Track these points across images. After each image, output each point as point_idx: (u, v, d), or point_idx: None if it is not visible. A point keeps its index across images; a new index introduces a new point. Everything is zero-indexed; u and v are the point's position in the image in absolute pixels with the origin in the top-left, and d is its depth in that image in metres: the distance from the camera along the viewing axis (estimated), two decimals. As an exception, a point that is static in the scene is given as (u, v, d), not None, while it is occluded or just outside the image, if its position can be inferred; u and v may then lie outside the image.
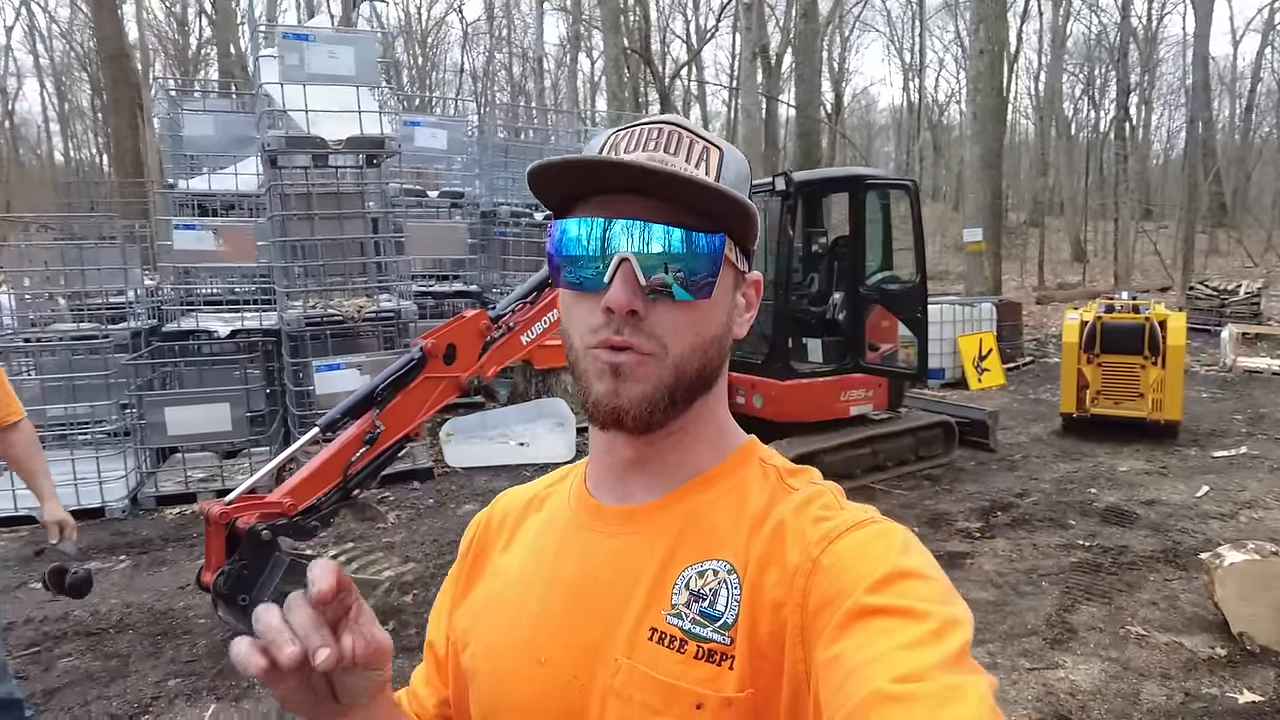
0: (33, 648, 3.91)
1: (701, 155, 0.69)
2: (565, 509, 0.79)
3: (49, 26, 36.37)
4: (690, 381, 0.69)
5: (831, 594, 0.59)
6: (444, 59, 40.74)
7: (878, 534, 0.63)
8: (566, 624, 0.70)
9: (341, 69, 6.14)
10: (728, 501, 0.71)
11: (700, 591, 0.66)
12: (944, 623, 0.54)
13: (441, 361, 4.55)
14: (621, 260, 0.65)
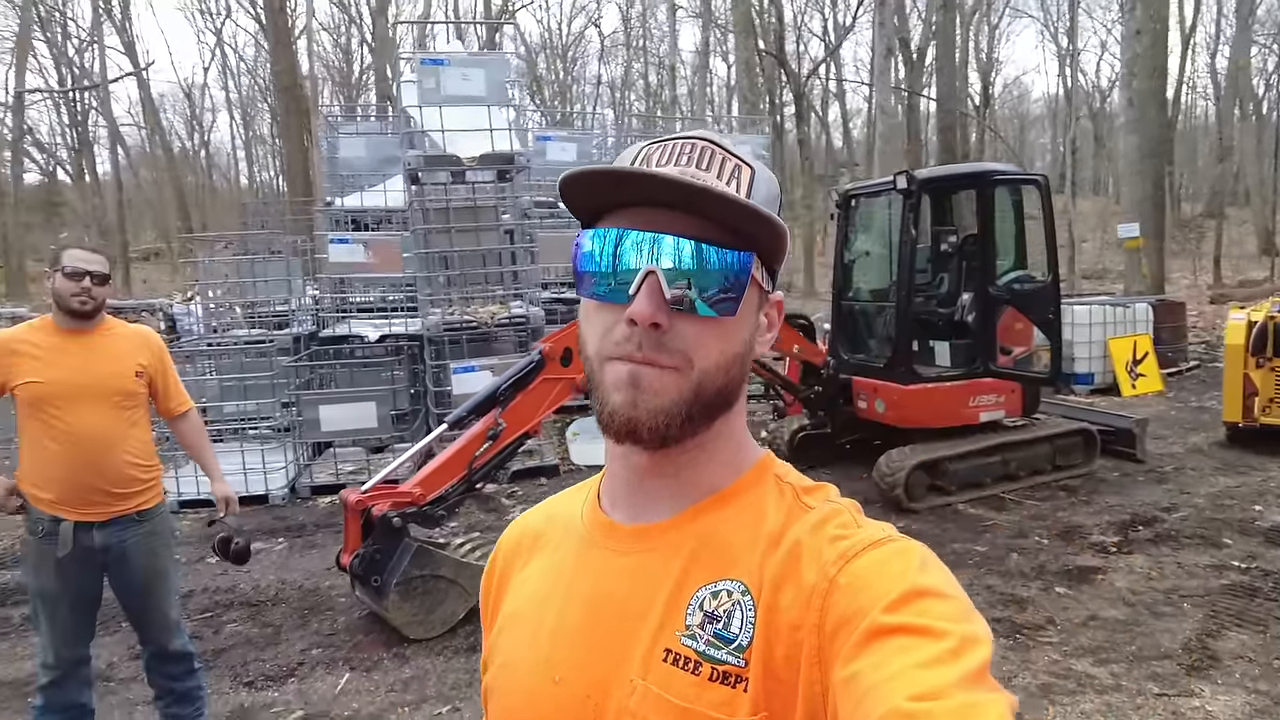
0: (206, 613, 4.44)
1: (733, 173, 0.69)
2: (579, 525, 0.78)
3: (238, 64, 40.49)
4: (710, 399, 0.68)
5: (849, 614, 0.58)
6: (583, 72, 41.96)
7: (895, 552, 0.62)
8: (581, 643, 0.70)
9: (473, 90, 6.54)
10: (743, 520, 0.70)
11: (714, 612, 0.65)
12: (962, 641, 0.54)
13: (559, 364, 4.77)
14: (648, 273, 0.64)
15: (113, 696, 3.54)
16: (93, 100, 32.69)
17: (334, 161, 9.49)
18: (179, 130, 42.01)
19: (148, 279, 30.61)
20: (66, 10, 32.41)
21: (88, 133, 34.25)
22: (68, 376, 2.66)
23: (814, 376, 6.75)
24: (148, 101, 35.31)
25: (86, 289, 2.66)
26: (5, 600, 4.74)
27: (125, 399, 2.77)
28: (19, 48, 27.94)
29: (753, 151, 5.08)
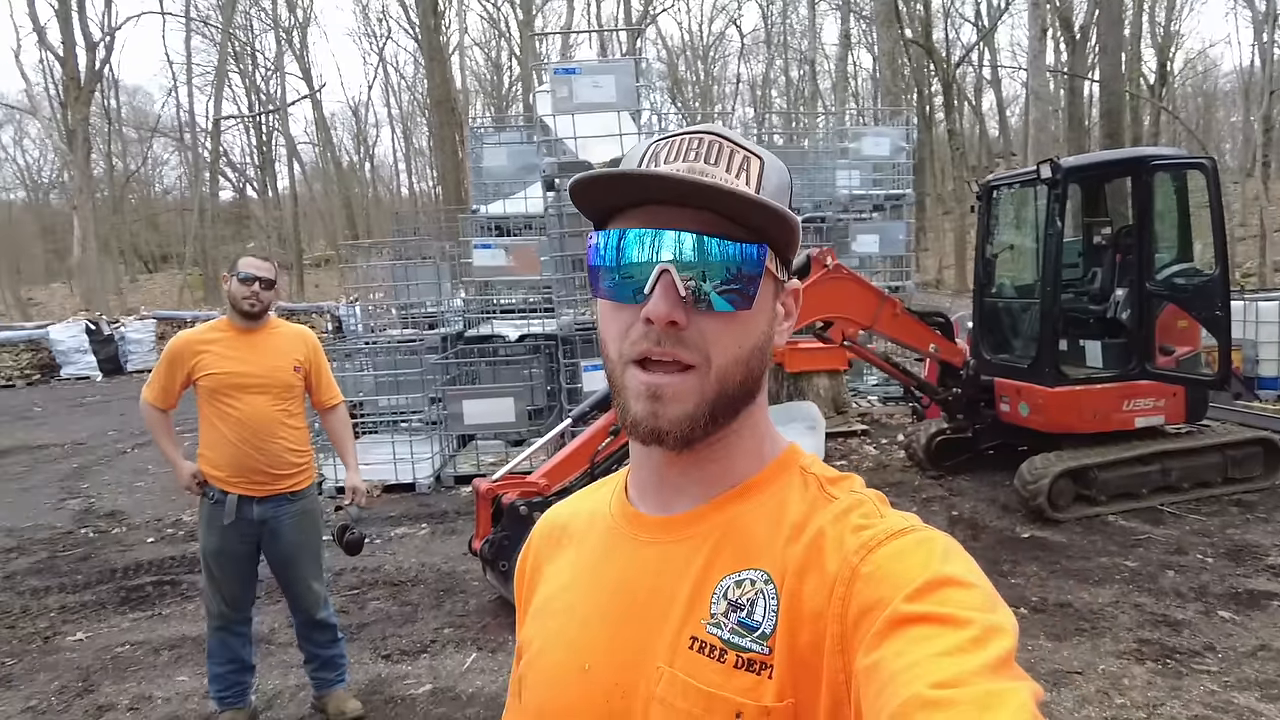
0: (354, 590, 4.84)
1: (742, 165, 0.69)
2: (607, 516, 0.79)
3: (398, 82, 43.41)
4: (733, 394, 0.68)
5: (871, 602, 0.59)
6: (724, 72, 41.91)
7: (918, 541, 0.62)
8: (609, 631, 0.72)
9: (604, 96, 6.74)
10: (767, 510, 0.70)
11: (738, 601, 0.66)
12: (986, 629, 0.54)
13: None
14: (662, 271, 0.65)
15: (271, 658, 3.94)
16: (275, 122, 36.03)
17: (480, 170, 10.02)
18: (347, 146, 45.54)
19: (319, 284, 33.38)
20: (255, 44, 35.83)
21: (271, 152, 37.78)
22: (238, 369, 3.01)
23: (953, 378, 6.47)
24: (321, 121, 38.51)
25: (255, 292, 2.99)
26: (194, 567, 5.36)
27: (285, 391, 3.10)
28: (217, 79, 31.25)
29: (893, 144, 4.99)
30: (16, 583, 5.30)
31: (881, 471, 7.05)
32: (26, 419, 13.04)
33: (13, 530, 6.59)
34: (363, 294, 10.77)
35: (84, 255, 26.98)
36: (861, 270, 9.84)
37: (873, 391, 10.35)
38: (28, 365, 18.54)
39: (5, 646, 4.31)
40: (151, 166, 43.87)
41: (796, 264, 4.27)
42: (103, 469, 8.84)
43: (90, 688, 3.78)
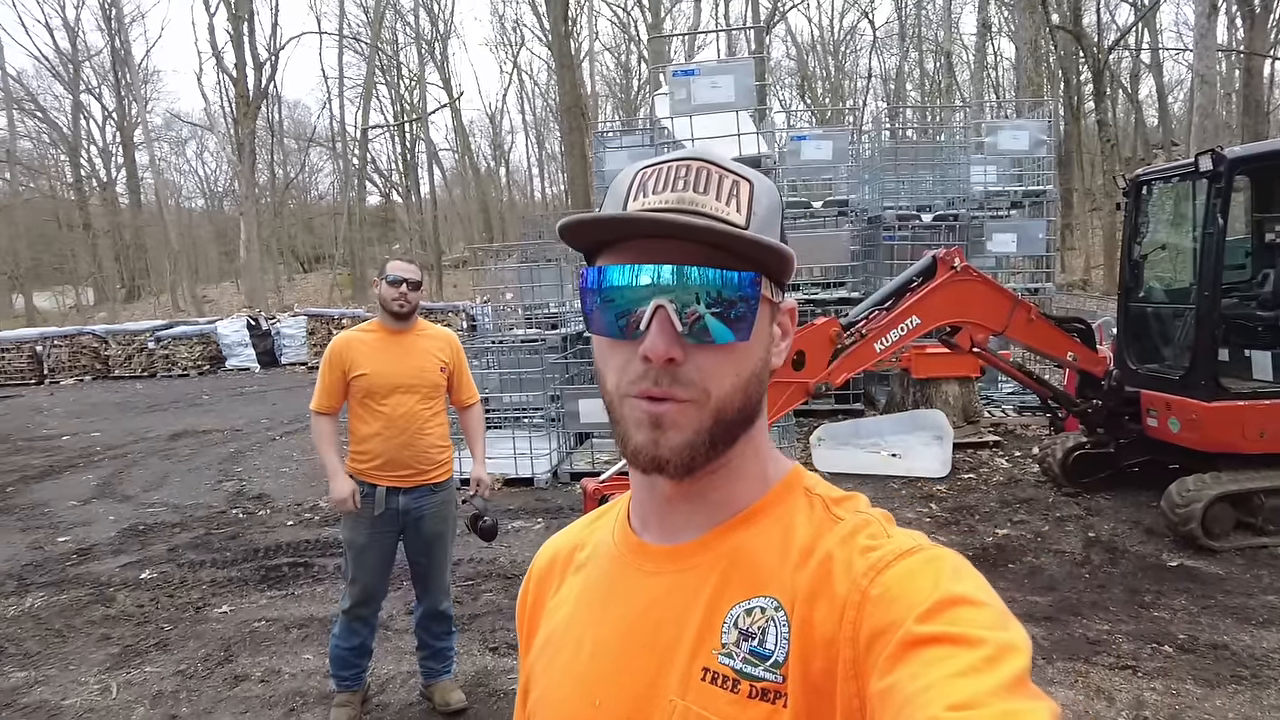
0: (469, 581, 5.02)
1: (732, 190, 0.67)
2: (610, 546, 0.78)
3: (532, 88, 44.83)
4: (731, 421, 0.68)
5: (882, 626, 0.58)
6: (855, 67, 40.74)
7: (926, 561, 0.62)
8: (618, 665, 0.70)
9: (722, 97, 6.68)
10: (773, 535, 0.69)
11: (749, 630, 0.65)
12: (999, 648, 0.53)
13: (789, 367, 4.74)
14: (657, 307, 0.64)
15: (387, 643, 4.14)
16: (418, 131, 38.02)
17: (602, 174, 10.18)
18: (485, 152, 47.49)
19: (457, 284, 34.90)
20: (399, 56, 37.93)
21: (414, 159, 39.88)
22: (388, 369, 3.19)
23: (1094, 388, 6.01)
24: (460, 128, 40.35)
25: (403, 294, 3.16)
26: (325, 551, 5.73)
27: (431, 390, 3.27)
28: (365, 91, 33.34)
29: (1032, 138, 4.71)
30: (178, 555, 5.84)
31: (1013, 486, 6.64)
32: (196, 405, 14.37)
33: (179, 507, 7.27)
34: (493, 295, 11.18)
35: (248, 256, 29.45)
36: (997, 271, 9.33)
37: (1007, 400, 9.76)
38: (199, 357, 20.44)
39: (165, 613, 4.76)
40: (308, 174, 47.40)
41: (922, 264, 4.06)
42: (255, 454, 9.60)
43: (230, 658, 4.10)
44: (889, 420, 8.08)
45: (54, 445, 11.06)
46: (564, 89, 22.31)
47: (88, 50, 39.56)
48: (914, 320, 5.03)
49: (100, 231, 39.77)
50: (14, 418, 14.22)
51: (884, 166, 10.27)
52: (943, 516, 5.99)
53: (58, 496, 7.97)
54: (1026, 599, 4.41)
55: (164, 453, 10.00)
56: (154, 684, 3.88)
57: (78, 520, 7.02)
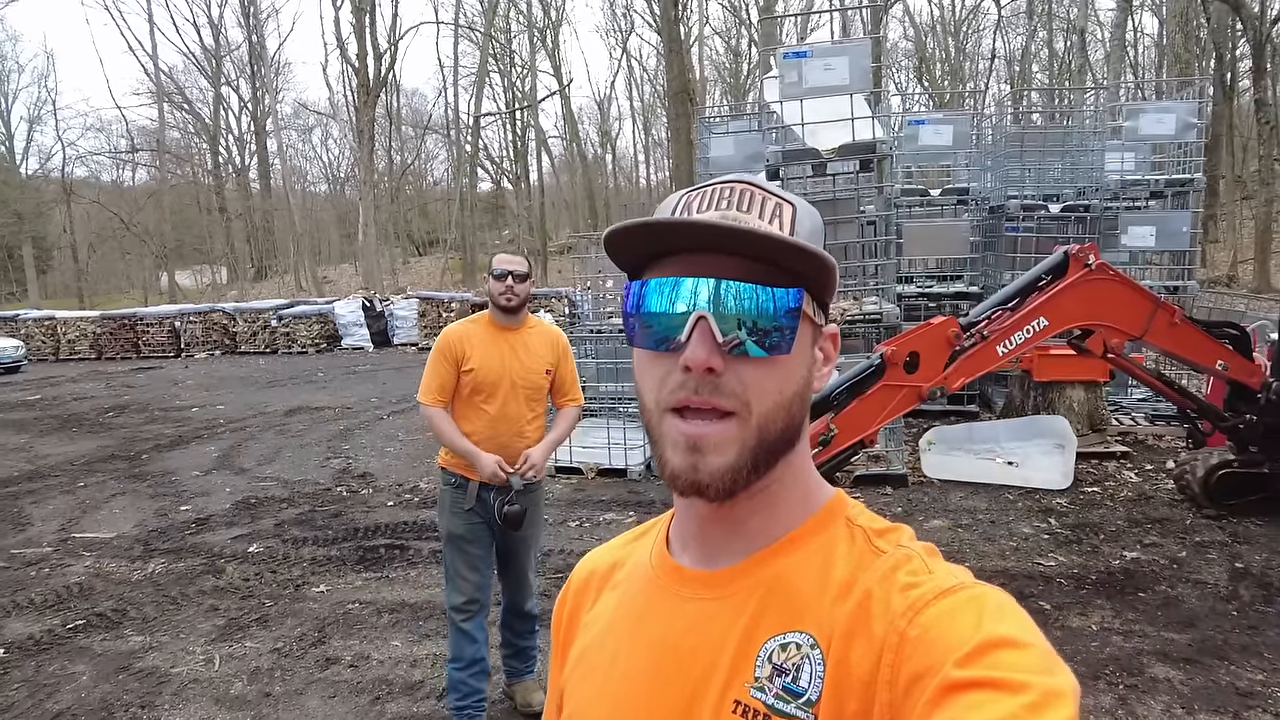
0: (556, 573, 4.97)
1: (775, 212, 0.68)
2: (647, 568, 0.77)
3: (640, 74, 44.81)
4: (773, 442, 0.67)
5: (921, 669, 0.56)
6: (978, 48, 38.72)
7: (967, 600, 0.59)
8: (651, 690, 0.70)
9: (835, 80, 6.34)
10: (811, 566, 0.68)
11: (783, 665, 0.64)
12: (1044, 694, 0.50)
13: (902, 369, 4.42)
14: (699, 318, 0.64)
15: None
16: (528, 118, 38.66)
17: (706, 161, 9.96)
18: (593, 138, 47.80)
19: (562, 270, 35.40)
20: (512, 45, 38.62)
21: (524, 146, 40.62)
22: (495, 366, 3.07)
23: (1246, 401, 5.39)
24: (568, 115, 40.81)
25: (510, 287, 3.05)
26: (422, 533, 5.82)
27: (534, 392, 3.16)
28: (478, 79, 34.14)
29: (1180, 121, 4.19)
30: (284, 531, 6.06)
31: (1143, 504, 6.08)
32: (312, 382, 15.08)
33: (288, 482, 7.58)
34: (593, 283, 11.18)
35: (366, 240, 30.75)
36: (1130, 267, 8.58)
37: (1138, 407, 9.00)
38: (317, 335, 21.50)
39: (268, 589, 4.92)
40: (424, 160, 49.09)
41: (1053, 261, 3.67)
42: (362, 432, 9.94)
43: (323, 639, 4.19)
44: (1006, 425, 7.56)
45: (184, 416, 11.82)
46: (672, 74, 22.12)
47: (228, 45, 42.16)
48: (1042, 322, 4.60)
49: (234, 215, 42.46)
50: (154, 388, 15.32)
51: (1008, 153, 9.60)
52: (1062, 533, 5.53)
53: (184, 466, 8.47)
54: (1160, 634, 3.98)
55: (279, 427, 10.50)
56: (252, 659, 3.99)
57: (198, 490, 7.42)
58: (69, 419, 12.00)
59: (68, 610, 4.75)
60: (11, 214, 41.70)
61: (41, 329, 23.03)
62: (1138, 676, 3.58)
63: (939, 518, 5.90)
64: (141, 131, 44.32)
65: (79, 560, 5.62)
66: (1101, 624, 4.13)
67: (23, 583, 5.24)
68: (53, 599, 4.92)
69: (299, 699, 3.61)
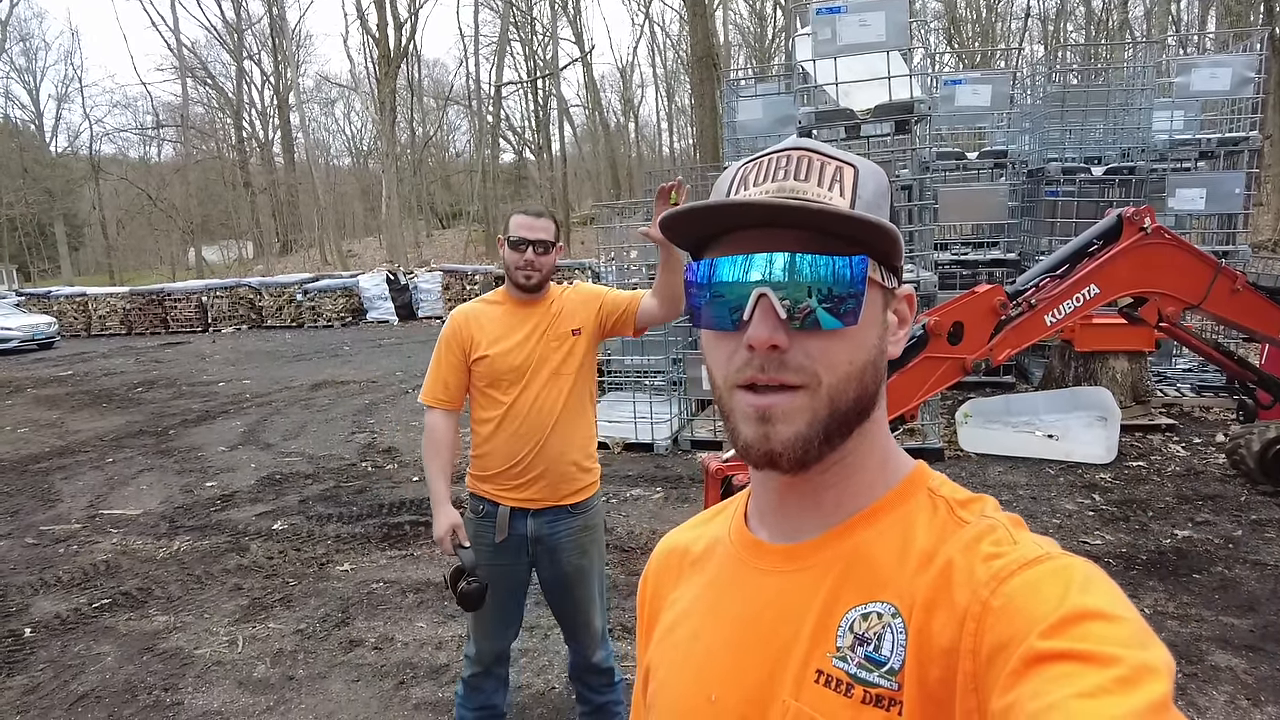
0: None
1: (835, 177, 0.66)
2: (727, 543, 0.78)
3: (663, 40, 44.05)
4: (845, 413, 0.65)
5: (1005, 639, 0.55)
6: (1010, 7, 37.49)
7: (1053, 571, 0.57)
8: (734, 662, 0.70)
9: (871, 36, 6.02)
10: (892, 537, 0.67)
11: (865, 635, 0.63)
12: (1135, 669, 0.48)
13: (945, 341, 4.21)
14: (759, 295, 0.63)
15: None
16: (550, 87, 38.21)
17: (733, 126, 9.66)
18: (615, 107, 47.23)
19: (585, 241, 35.17)
20: (533, 12, 38.07)
21: (546, 116, 40.21)
22: (514, 350, 2.46)
23: (1308, 371, 5.11)
24: (590, 83, 40.31)
25: (529, 260, 2.42)
26: (447, 512, 5.72)
27: (573, 377, 2.51)
28: (499, 48, 33.71)
29: (1236, 76, 3.81)
30: (308, 508, 6.01)
31: (1192, 479, 5.83)
32: (337, 356, 15.09)
33: (313, 458, 7.54)
34: (617, 253, 10.98)
35: (389, 213, 30.70)
36: (1177, 231, 8.20)
37: (1184, 378, 8.67)
38: (342, 309, 21.54)
39: (291, 568, 4.86)
40: (446, 132, 48.85)
41: (1105, 225, 3.40)
42: (387, 406, 9.89)
43: (347, 620, 4.11)
44: (1045, 397, 7.30)
45: (211, 391, 11.86)
46: (695, 39, 21.61)
47: (250, 19, 42.01)
48: (1093, 290, 4.35)
49: (258, 189, 42.59)
50: (181, 363, 15.43)
51: (1048, 114, 9.19)
52: (1108, 510, 5.31)
53: (210, 441, 8.47)
54: (1219, 619, 3.78)
55: (304, 402, 10.49)
56: (276, 641, 3.92)
57: (224, 466, 7.40)
58: (99, 394, 12.09)
59: (94, 589, 4.72)
60: (42, 191, 42.23)
61: (73, 305, 23.32)
62: (1197, 665, 3.39)
63: (978, 494, 5.70)
64: (166, 107, 44.56)
65: (106, 537, 5.60)
66: (1155, 607, 3.93)
67: (51, 560, 5.23)
68: (79, 577, 4.89)
69: (322, 683, 3.53)
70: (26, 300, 23.87)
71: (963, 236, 9.76)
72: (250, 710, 3.36)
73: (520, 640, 3.69)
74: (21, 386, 13.42)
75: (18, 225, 43.83)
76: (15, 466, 7.83)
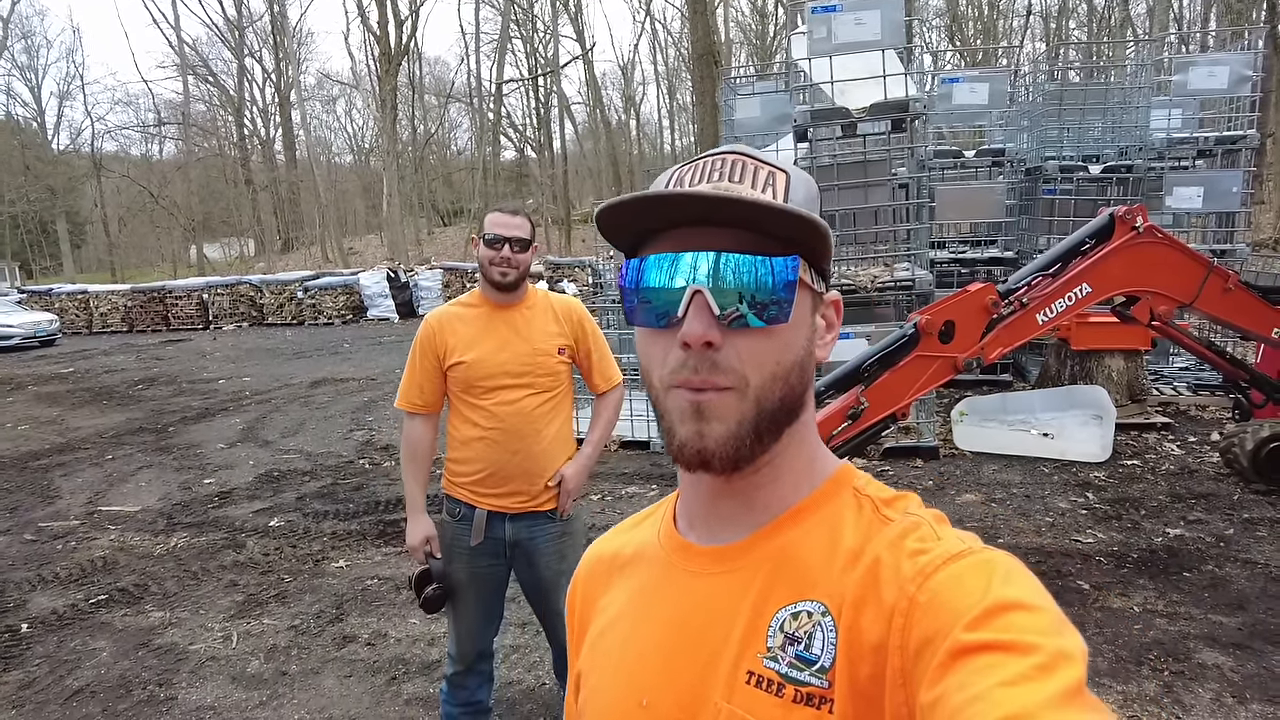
0: (578, 551, 4.88)
1: (767, 180, 0.67)
2: (656, 546, 0.77)
3: (664, 37, 44.03)
4: (773, 413, 0.66)
5: (931, 633, 0.56)
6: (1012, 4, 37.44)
7: (976, 565, 0.59)
8: (665, 666, 0.70)
9: (867, 35, 6.03)
10: (819, 536, 0.68)
11: (795, 634, 0.64)
12: (1053, 656, 0.50)
13: (936, 339, 4.23)
14: (695, 293, 0.63)
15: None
16: (551, 84, 38.21)
17: (731, 124, 9.67)
18: (616, 104, 47.24)
19: (585, 239, 35.19)
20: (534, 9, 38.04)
21: (547, 113, 40.21)
22: (490, 355, 2.43)
23: (1302, 370, 5.12)
24: (591, 80, 40.29)
25: (505, 258, 2.40)
26: (443, 507, 5.75)
27: (548, 381, 2.49)
28: (499, 46, 33.71)
29: (1234, 74, 3.82)
30: (305, 505, 6.04)
31: (1187, 478, 5.84)
32: (337, 354, 15.11)
33: (311, 455, 7.57)
34: (617, 251, 11.04)
35: (390, 210, 30.72)
36: (1175, 230, 8.21)
37: (1180, 377, 8.68)
38: (343, 306, 21.57)
39: (287, 564, 4.89)
40: (447, 129, 48.87)
41: (1097, 224, 3.41)
42: (386, 404, 9.91)
43: (341, 616, 4.14)
44: (1041, 395, 7.31)
45: (211, 388, 11.89)
46: (696, 36, 21.60)
47: (251, 16, 42.01)
48: (1085, 289, 4.37)
49: (260, 187, 42.63)
50: (182, 361, 15.46)
51: (1046, 111, 9.19)
52: (1101, 509, 5.33)
53: (209, 438, 8.50)
54: (1207, 617, 3.80)
55: (304, 399, 10.52)
56: (270, 637, 3.95)
57: (223, 463, 7.43)
58: (100, 391, 12.14)
59: (91, 585, 4.75)
60: (44, 189, 42.27)
61: (75, 303, 23.37)
62: (1184, 662, 3.41)
63: (971, 491, 5.72)
64: (168, 105, 44.57)
65: (104, 534, 5.64)
66: (1145, 605, 3.95)
67: (49, 556, 5.26)
68: (77, 573, 4.93)
69: (315, 678, 3.56)
70: (28, 298, 23.92)
71: (960, 235, 9.77)
72: (243, 705, 3.39)
73: (511, 636, 3.75)
74: (23, 384, 13.47)
75: (20, 223, 43.93)
76: (15, 463, 7.87)
